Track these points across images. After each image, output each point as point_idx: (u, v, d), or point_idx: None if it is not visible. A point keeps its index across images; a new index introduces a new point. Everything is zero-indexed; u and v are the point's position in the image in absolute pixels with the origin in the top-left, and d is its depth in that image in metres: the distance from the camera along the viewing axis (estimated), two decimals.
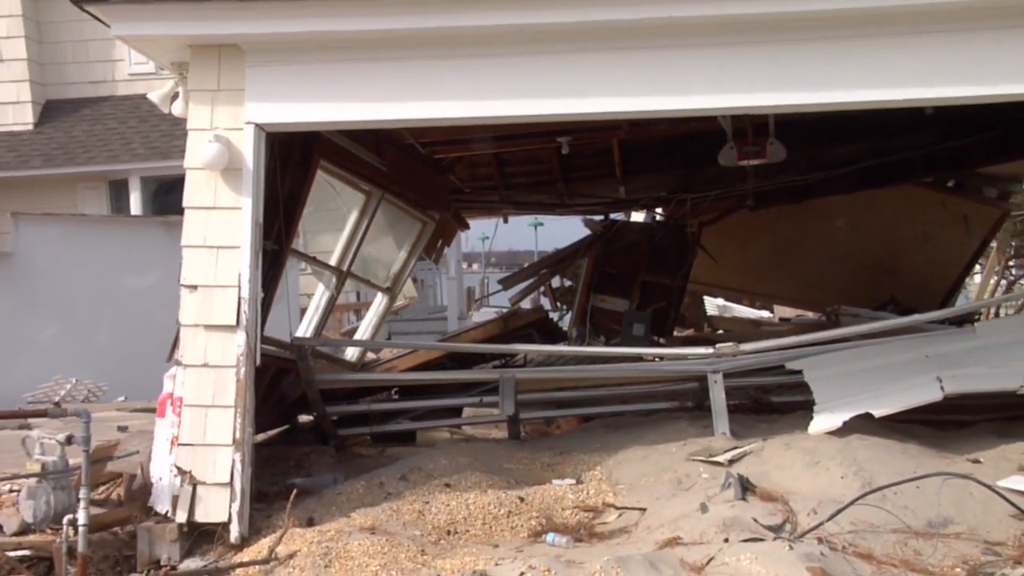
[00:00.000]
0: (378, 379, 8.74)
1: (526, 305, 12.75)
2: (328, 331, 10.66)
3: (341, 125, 6.77)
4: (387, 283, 9.36)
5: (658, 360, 8.08)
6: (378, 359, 10.30)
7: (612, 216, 11.67)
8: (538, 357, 9.28)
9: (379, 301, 9.58)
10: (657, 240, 11.13)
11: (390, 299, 9.49)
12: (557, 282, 12.43)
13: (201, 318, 5.85)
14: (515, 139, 9.73)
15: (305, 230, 9.43)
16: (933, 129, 9.65)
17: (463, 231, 12.10)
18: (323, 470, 7.15)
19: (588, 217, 11.57)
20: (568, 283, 12.20)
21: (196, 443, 5.75)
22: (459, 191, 10.43)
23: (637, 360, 8.14)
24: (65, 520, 5.26)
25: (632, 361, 8.10)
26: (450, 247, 12.68)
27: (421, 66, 5.87)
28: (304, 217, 7.71)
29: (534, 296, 13.40)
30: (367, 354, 9.87)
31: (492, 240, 26.57)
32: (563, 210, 11.41)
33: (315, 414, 7.89)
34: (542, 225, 43.52)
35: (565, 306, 12.22)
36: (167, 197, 13.21)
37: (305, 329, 8.53)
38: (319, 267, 8.66)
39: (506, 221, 12.31)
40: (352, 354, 9.06)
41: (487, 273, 31.92)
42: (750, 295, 14.15)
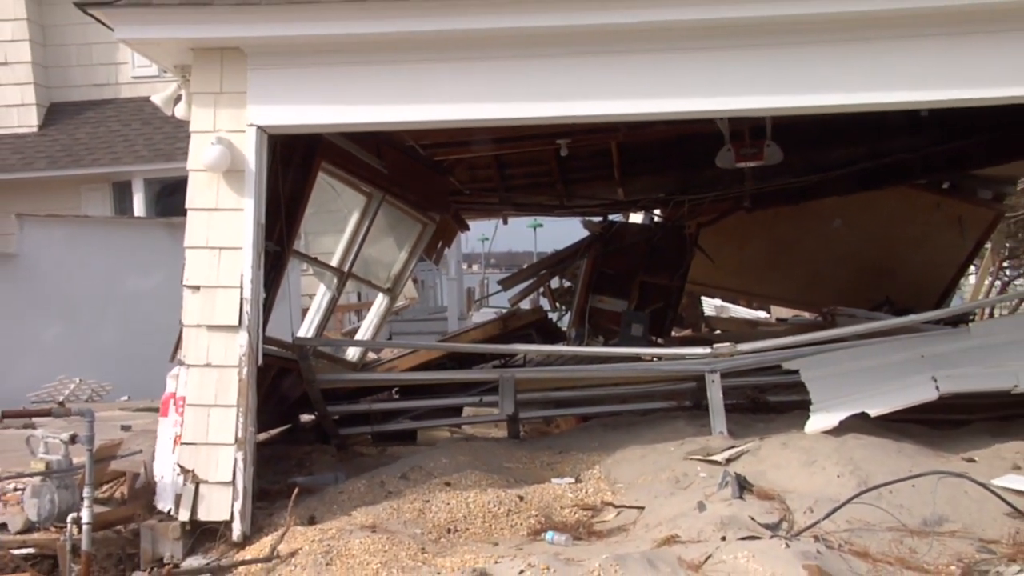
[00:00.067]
0: (379, 379, 8.77)
1: (525, 306, 12.72)
2: (329, 331, 10.65)
3: (341, 127, 6.82)
4: (388, 284, 9.39)
5: (656, 360, 8.11)
6: (379, 359, 10.32)
7: (611, 217, 11.66)
8: (537, 357, 9.29)
9: (380, 302, 9.60)
10: (655, 241, 11.12)
11: (391, 300, 9.51)
12: (556, 283, 12.40)
13: (204, 318, 5.87)
14: (514, 141, 9.73)
15: (306, 231, 9.46)
16: (929, 131, 9.66)
17: (463, 232, 12.10)
18: (324, 469, 7.17)
19: (587, 218, 11.57)
20: (567, 284, 12.18)
21: (199, 442, 5.77)
22: (459, 193, 10.41)
23: (635, 360, 8.17)
24: (69, 518, 5.29)
25: (630, 361, 8.13)
26: (450, 248, 12.68)
27: (418, 69, 5.90)
28: (305, 218, 7.76)
29: (533, 297, 13.37)
30: (368, 354, 9.89)
31: (492, 241, 26.72)
32: (562, 211, 11.40)
33: (316, 413, 7.92)
34: (541, 226, 43.62)
35: (564, 307, 12.19)
36: (170, 199, 13.24)
37: (307, 329, 8.57)
38: (320, 268, 8.69)
39: (506, 222, 12.26)
40: (353, 354, 9.09)
41: (487, 274, 31.95)
42: (747, 296, 14.13)
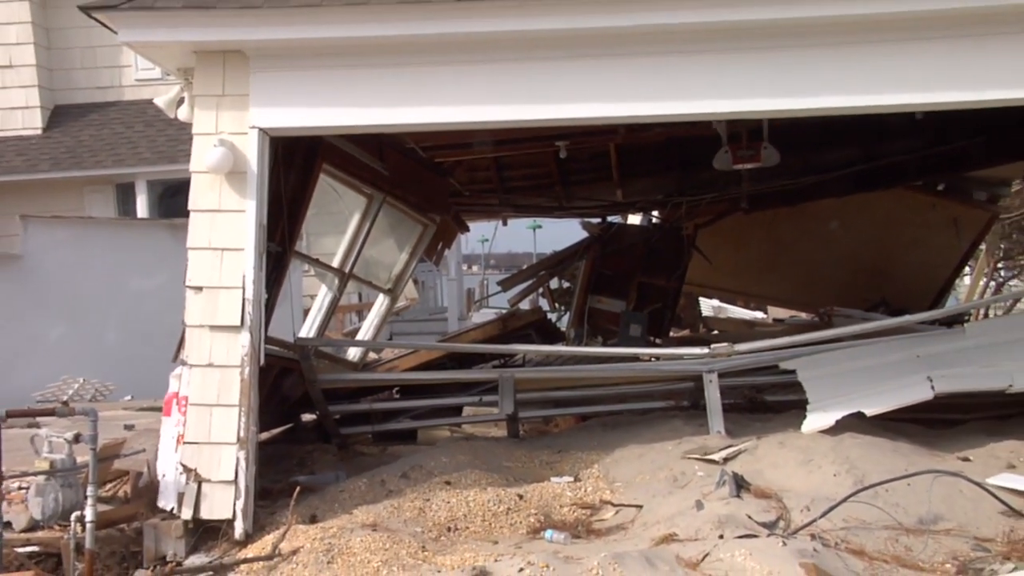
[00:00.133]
0: (379, 379, 8.80)
1: (525, 306, 12.73)
2: (330, 331, 10.68)
3: (342, 129, 6.85)
4: (388, 284, 9.41)
5: (654, 360, 8.17)
6: (379, 359, 10.34)
7: (609, 219, 11.70)
8: (536, 357, 9.32)
9: (380, 302, 9.63)
10: (653, 242, 11.13)
11: (391, 300, 9.53)
12: (555, 283, 12.40)
13: (206, 319, 5.90)
14: (514, 143, 9.77)
15: (308, 232, 9.52)
16: (924, 133, 9.69)
17: (463, 233, 12.16)
18: (326, 468, 7.20)
19: (586, 220, 11.59)
20: (566, 284, 12.18)
21: (201, 441, 5.80)
22: (459, 194, 10.44)
23: (634, 360, 8.22)
24: (73, 517, 5.32)
25: (629, 361, 8.18)
26: (450, 249, 12.68)
27: (420, 72, 5.93)
28: (307, 220, 7.78)
29: (533, 297, 13.37)
30: (369, 354, 9.91)
31: (491, 242, 26.74)
32: (561, 213, 11.44)
33: (318, 413, 7.94)
34: (540, 228, 43.60)
35: (563, 307, 12.19)
36: (173, 200, 13.29)
37: (308, 330, 8.61)
38: (322, 269, 8.73)
39: (505, 224, 12.29)
40: (354, 354, 9.12)
41: (486, 275, 31.96)
42: (745, 296, 14.13)
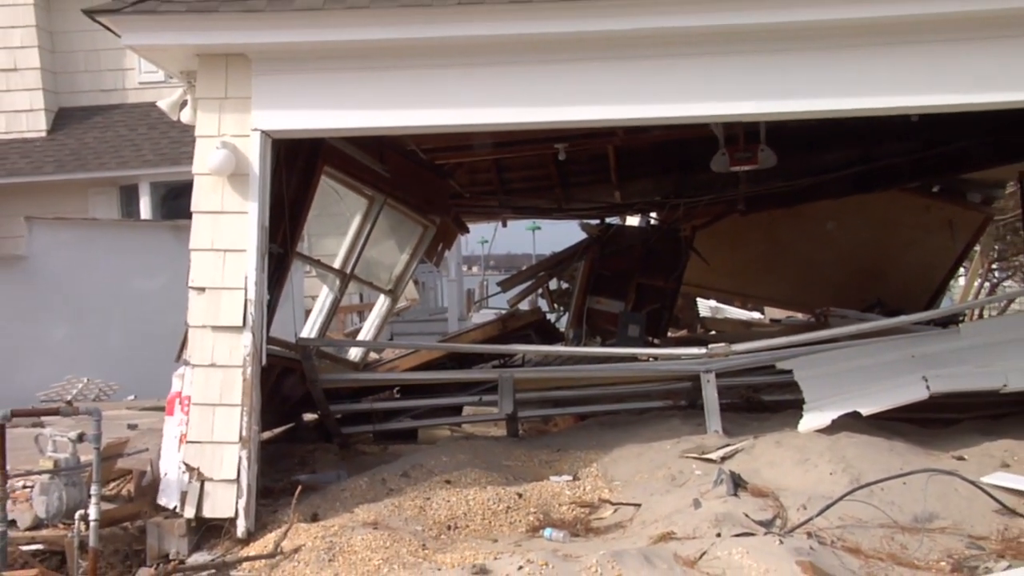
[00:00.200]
0: (380, 378, 8.84)
1: (524, 307, 12.78)
2: (332, 332, 10.70)
3: (344, 132, 6.88)
4: (389, 285, 9.46)
5: (652, 360, 8.20)
6: (380, 359, 10.38)
7: (608, 220, 11.73)
8: (536, 357, 9.37)
9: (381, 303, 9.67)
10: (651, 244, 11.18)
11: (392, 301, 9.57)
12: (554, 284, 12.44)
13: (209, 319, 5.94)
14: (514, 145, 9.82)
15: (310, 234, 9.55)
16: (920, 135, 9.73)
17: (463, 235, 12.19)
18: (327, 467, 7.24)
19: (584, 221, 11.62)
20: (565, 285, 12.22)
21: (204, 440, 5.84)
22: (459, 196, 10.47)
23: (632, 360, 8.26)
24: (77, 515, 5.34)
25: (627, 361, 8.22)
26: (450, 250, 12.71)
27: (421, 74, 5.97)
28: (308, 221, 7.82)
29: (532, 298, 13.42)
30: (370, 354, 9.95)
31: (491, 243, 26.73)
32: (560, 214, 11.48)
33: (319, 412, 7.98)
34: (540, 229, 43.58)
35: (562, 308, 12.23)
36: (176, 202, 13.31)
37: (310, 330, 8.66)
38: (323, 270, 8.78)
39: (505, 225, 12.32)
40: (355, 354, 9.17)
41: (486, 275, 31.95)
42: (742, 297, 14.17)
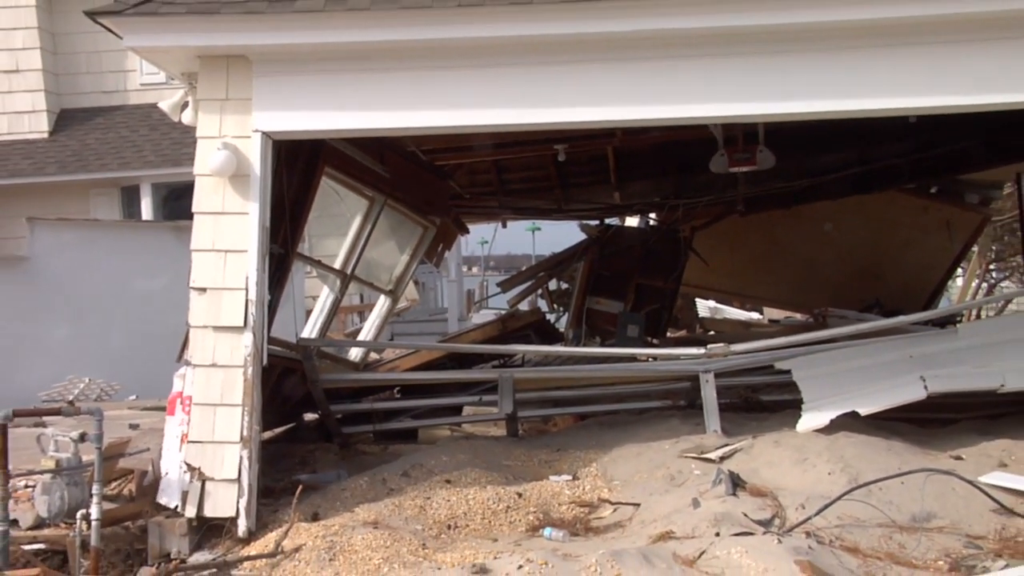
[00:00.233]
0: (381, 379, 8.85)
1: (524, 307, 12.80)
2: (332, 332, 10.73)
3: (344, 133, 6.90)
4: (389, 286, 9.47)
5: (651, 360, 8.22)
6: (381, 359, 10.41)
7: (607, 221, 11.76)
8: (535, 357, 9.38)
9: (382, 303, 9.69)
10: (651, 244, 11.20)
11: (392, 301, 9.59)
12: (554, 285, 12.46)
13: (210, 319, 5.96)
14: (513, 146, 9.85)
15: (310, 234, 9.56)
16: (918, 136, 9.75)
17: (463, 235, 12.21)
18: (327, 467, 7.26)
19: (584, 222, 11.65)
20: (565, 286, 12.24)
21: (205, 440, 5.86)
22: (459, 197, 10.50)
23: (631, 360, 8.28)
24: (78, 515, 5.34)
25: (626, 361, 8.25)
26: (450, 251, 12.74)
27: (422, 76, 5.99)
28: (309, 222, 7.84)
29: (532, 298, 13.44)
30: (370, 354, 9.97)
31: (491, 244, 26.78)
32: (560, 215, 11.50)
33: (320, 412, 8.00)
34: (539, 230, 43.60)
35: (562, 308, 12.26)
36: (177, 203, 13.32)
37: (310, 330, 8.68)
38: (324, 270, 8.79)
39: (505, 226, 12.35)
40: (356, 354, 9.19)
41: (486, 276, 31.98)
42: (741, 297, 14.19)
